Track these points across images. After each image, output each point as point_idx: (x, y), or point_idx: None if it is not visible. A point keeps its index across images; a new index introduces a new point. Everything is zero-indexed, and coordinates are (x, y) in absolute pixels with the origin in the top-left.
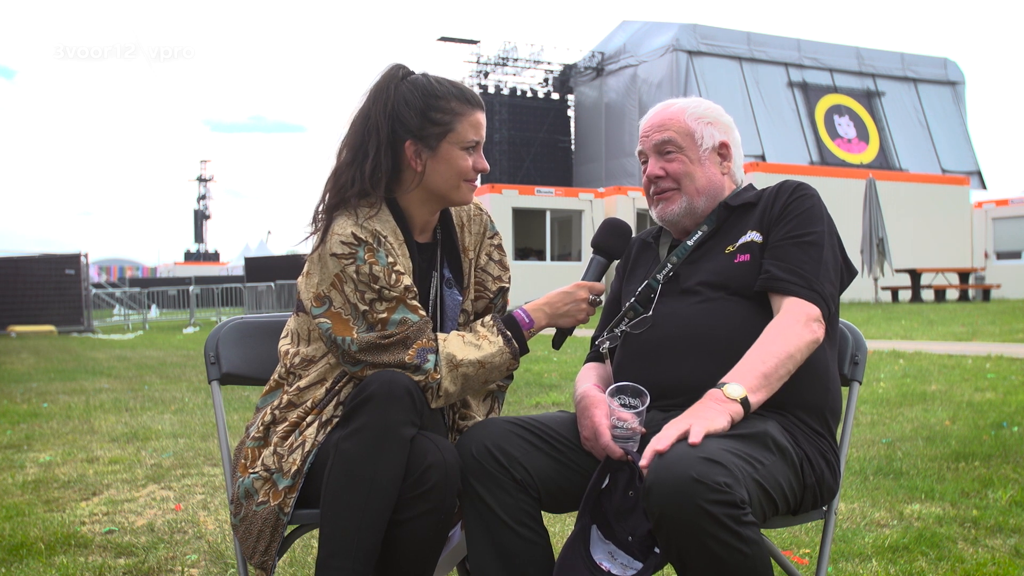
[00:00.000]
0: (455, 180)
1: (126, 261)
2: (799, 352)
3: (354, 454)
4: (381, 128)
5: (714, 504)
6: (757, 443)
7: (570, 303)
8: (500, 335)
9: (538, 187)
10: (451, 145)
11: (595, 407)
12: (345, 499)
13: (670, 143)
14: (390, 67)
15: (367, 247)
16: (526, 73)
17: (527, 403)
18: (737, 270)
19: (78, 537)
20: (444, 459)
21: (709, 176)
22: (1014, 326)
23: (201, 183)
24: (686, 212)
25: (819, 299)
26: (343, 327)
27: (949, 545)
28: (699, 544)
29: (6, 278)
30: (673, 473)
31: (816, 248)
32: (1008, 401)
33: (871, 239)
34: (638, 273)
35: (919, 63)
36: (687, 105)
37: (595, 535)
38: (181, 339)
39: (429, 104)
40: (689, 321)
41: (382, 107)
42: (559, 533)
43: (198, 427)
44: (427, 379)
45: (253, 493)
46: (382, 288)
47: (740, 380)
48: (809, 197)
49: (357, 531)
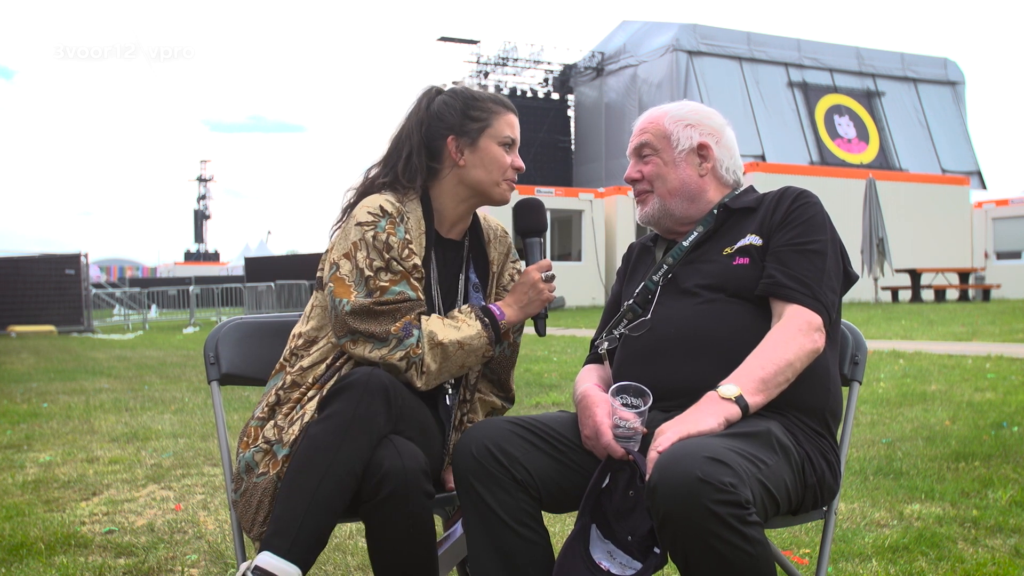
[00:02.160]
0: (496, 175)
1: (126, 261)
2: (799, 360)
3: (319, 440)
4: (413, 136)
5: (719, 504)
6: (761, 442)
7: (529, 290)
8: (478, 320)
9: (538, 187)
10: (490, 140)
11: (596, 406)
12: (299, 482)
13: (647, 146)
14: (425, 88)
15: (390, 219)
16: (526, 73)
17: (527, 403)
18: (735, 272)
19: (78, 537)
20: (403, 466)
21: (683, 178)
22: (1014, 326)
23: (201, 183)
24: (661, 213)
25: (821, 308)
26: (344, 289)
27: (949, 545)
28: (704, 544)
29: (6, 278)
30: (678, 472)
31: (820, 257)
32: (1008, 401)
33: (871, 239)
34: (637, 276)
35: (919, 63)
36: (671, 109)
37: (594, 534)
38: (181, 339)
39: (468, 104)
40: (688, 322)
41: (416, 120)
42: (559, 533)
43: (198, 427)
44: (409, 352)
45: (254, 466)
46: (392, 259)
47: (737, 383)
48: (812, 205)
49: (303, 515)
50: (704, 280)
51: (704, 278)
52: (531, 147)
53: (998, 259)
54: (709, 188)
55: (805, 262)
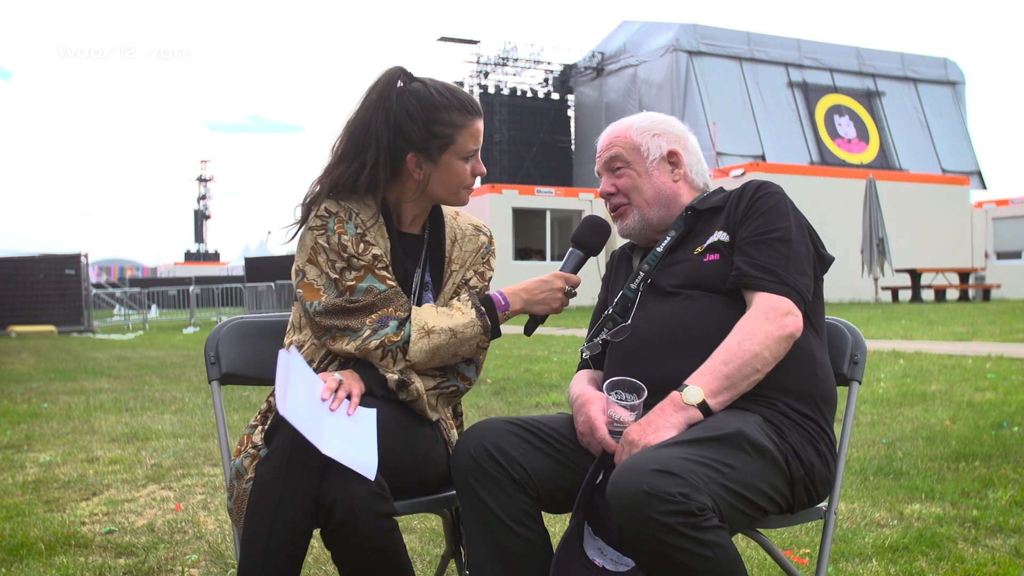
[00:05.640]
0: (455, 188)
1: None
2: (767, 350)
3: (266, 478)
4: (382, 138)
5: (667, 515)
6: (727, 445)
7: (546, 291)
8: (473, 308)
9: (538, 187)
10: (452, 156)
11: (590, 403)
12: (255, 525)
13: (618, 159)
14: (390, 71)
15: (337, 218)
16: (526, 73)
17: (527, 403)
18: (707, 269)
19: (78, 537)
20: (349, 492)
21: (658, 186)
22: (1014, 326)
23: (201, 183)
24: (641, 224)
25: (791, 291)
26: (313, 293)
27: (949, 545)
28: (659, 553)
29: (6, 278)
30: (626, 487)
31: (784, 243)
32: (1008, 401)
33: (871, 239)
34: (619, 283)
35: (919, 63)
36: (634, 121)
37: (587, 532)
38: (181, 339)
39: (431, 117)
40: (666, 321)
41: (384, 118)
42: (559, 533)
43: (198, 427)
44: (384, 341)
45: (243, 472)
46: (351, 256)
47: (701, 383)
48: (772, 195)
49: (263, 556)
50: (678, 280)
51: (678, 278)
52: (531, 147)
53: (998, 259)
54: (683, 193)
55: (769, 250)
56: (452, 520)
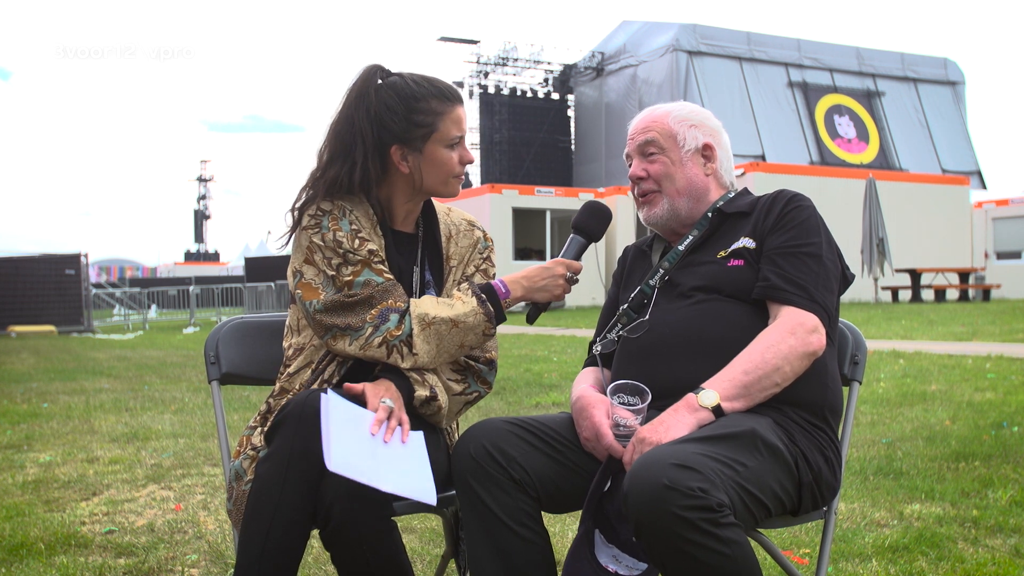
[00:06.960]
0: (444, 177)
1: (126, 261)
2: (789, 364)
3: (265, 479)
4: (367, 134)
5: (688, 509)
6: (742, 444)
7: (548, 278)
8: (474, 296)
9: (538, 187)
10: (436, 145)
11: (594, 407)
12: (252, 526)
13: (652, 144)
14: (367, 69)
15: (331, 216)
16: (526, 73)
17: (527, 403)
18: (730, 274)
19: (78, 537)
20: (348, 493)
21: (690, 177)
22: (1014, 326)
23: (201, 183)
24: (670, 215)
25: (819, 309)
26: (312, 292)
27: (949, 545)
28: (677, 549)
29: (6, 278)
30: (646, 480)
31: (815, 259)
32: (1008, 401)
33: (871, 239)
34: (634, 280)
35: (919, 63)
36: (672, 108)
37: (598, 539)
38: (181, 339)
39: (410, 107)
40: (682, 323)
41: (365, 113)
42: (559, 533)
43: (198, 427)
44: (387, 336)
45: (242, 474)
46: (347, 252)
47: (718, 388)
48: (806, 208)
49: (260, 557)
50: (699, 282)
51: (699, 280)
52: (531, 147)
53: (998, 259)
54: (712, 188)
55: (800, 264)
56: (452, 520)
